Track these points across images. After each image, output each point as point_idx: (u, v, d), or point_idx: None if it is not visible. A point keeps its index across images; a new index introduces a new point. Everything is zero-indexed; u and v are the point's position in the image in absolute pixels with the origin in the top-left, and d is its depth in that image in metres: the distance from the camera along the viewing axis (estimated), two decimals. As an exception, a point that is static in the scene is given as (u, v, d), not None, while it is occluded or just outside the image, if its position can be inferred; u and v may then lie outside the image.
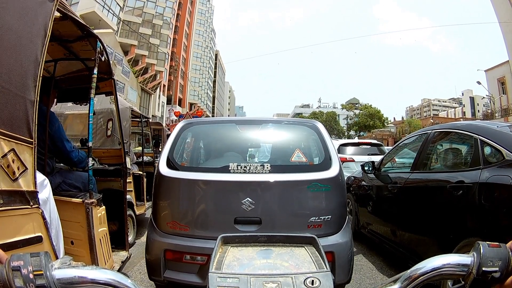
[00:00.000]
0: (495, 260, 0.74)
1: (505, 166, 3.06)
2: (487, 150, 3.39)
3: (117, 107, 4.10)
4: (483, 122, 4.10)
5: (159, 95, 49.21)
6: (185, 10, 62.86)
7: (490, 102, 35.51)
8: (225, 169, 3.18)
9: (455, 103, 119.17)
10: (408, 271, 0.80)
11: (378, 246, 5.31)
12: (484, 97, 36.64)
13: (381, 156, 6.39)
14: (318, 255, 0.96)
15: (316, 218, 3.10)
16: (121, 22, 40.56)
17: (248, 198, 3.04)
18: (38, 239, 2.12)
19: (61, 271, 0.70)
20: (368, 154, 10.51)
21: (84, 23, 3.08)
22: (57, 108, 6.00)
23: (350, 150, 10.84)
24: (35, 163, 2.11)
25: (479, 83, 38.23)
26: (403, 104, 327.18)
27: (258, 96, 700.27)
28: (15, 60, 1.99)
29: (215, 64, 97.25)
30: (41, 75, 2.16)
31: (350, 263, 3.12)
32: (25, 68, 2.06)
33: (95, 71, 3.24)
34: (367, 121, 65.35)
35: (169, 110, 50.23)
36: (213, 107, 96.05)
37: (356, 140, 15.66)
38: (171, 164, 3.30)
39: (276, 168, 3.23)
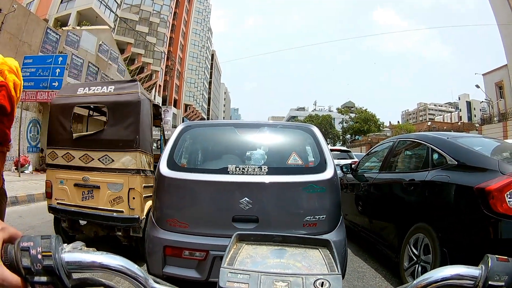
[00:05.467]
0: (502, 275, 0.75)
1: (447, 169, 4.01)
2: (435, 156, 4.35)
3: (163, 133, 6.55)
4: (436, 133, 5.23)
5: (155, 96, 48.77)
6: (182, 8, 62.54)
7: (489, 106, 35.16)
8: (224, 171, 3.35)
9: (451, 108, 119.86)
10: (415, 281, 0.81)
11: (374, 248, 5.64)
12: (483, 101, 36.36)
13: (350, 160, 8.16)
14: (331, 257, 0.94)
15: (311, 218, 3.26)
16: (118, 19, 40.24)
17: (246, 198, 3.18)
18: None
19: (71, 254, 0.71)
20: (338, 159, 12.48)
21: (157, 104, 6.28)
22: None
23: None
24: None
25: (477, 86, 37.47)
26: (399, 108, 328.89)
27: (253, 99, 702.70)
28: (148, 129, 5.21)
29: (211, 64, 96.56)
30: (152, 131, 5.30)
31: (344, 260, 3.46)
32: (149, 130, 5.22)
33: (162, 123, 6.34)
34: (361, 126, 64.79)
35: (164, 111, 49.85)
36: (209, 108, 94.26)
37: (329, 147, 17.82)
38: (171, 165, 3.45)
39: (273, 170, 3.38)
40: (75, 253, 0.72)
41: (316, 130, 3.88)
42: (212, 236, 3.23)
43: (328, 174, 3.39)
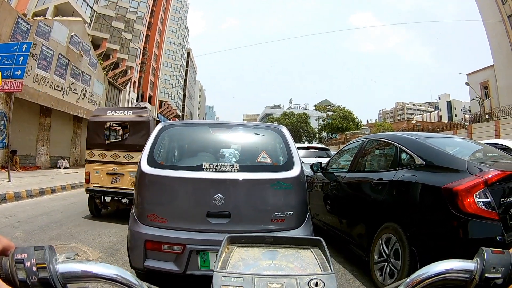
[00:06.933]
0: (498, 267, 0.76)
1: (415, 169, 4.05)
2: (404, 155, 4.39)
3: None
4: (405, 133, 5.24)
5: (129, 92, 47.94)
6: (159, 6, 62.00)
7: (480, 104, 35.59)
8: (199, 168, 3.54)
9: (431, 107, 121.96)
10: (410, 276, 0.81)
11: (345, 247, 5.55)
12: (473, 99, 36.67)
13: (328, 159, 7.85)
14: (323, 257, 0.95)
15: (279, 213, 3.45)
16: (94, 14, 39.45)
17: (219, 194, 3.38)
18: None
19: (65, 265, 0.72)
20: (316, 157, 12.11)
21: (159, 120, 6.75)
22: None
23: (300, 153, 12.35)
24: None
25: (467, 84, 38.11)
26: (376, 107, 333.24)
27: (228, 96, 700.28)
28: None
29: (187, 62, 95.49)
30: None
31: None
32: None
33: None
34: (340, 123, 64.49)
35: (136, 105, 48.86)
36: (183, 105, 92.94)
37: (306, 144, 18.27)
38: (151, 163, 3.64)
39: (244, 167, 3.60)
40: (69, 264, 0.72)
41: (285, 130, 4.12)
42: (189, 231, 3.41)
43: (294, 172, 3.61)
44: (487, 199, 3.20)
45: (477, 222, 3.17)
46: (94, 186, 7.97)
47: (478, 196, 3.20)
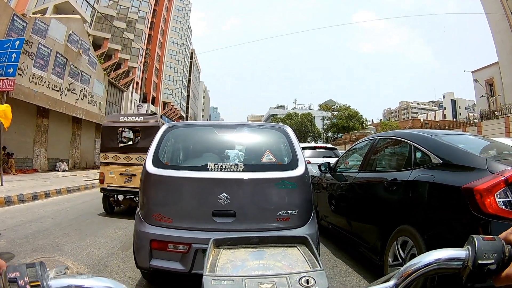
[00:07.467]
0: (490, 253, 0.76)
1: (431, 168, 3.76)
2: (418, 154, 4.11)
3: None
4: (418, 130, 5.00)
5: (132, 93, 47.36)
6: (162, 5, 61.84)
7: (488, 101, 35.17)
8: (204, 168, 3.59)
9: (435, 106, 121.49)
10: (403, 267, 0.81)
11: (355, 250, 5.40)
12: (483, 96, 36.25)
13: (335, 159, 7.61)
14: (310, 254, 0.95)
15: (284, 212, 3.48)
16: (95, 13, 39.02)
17: (224, 194, 3.41)
18: None
19: (58, 281, 0.71)
20: (323, 157, 11.78)
21: (163, 122, 7.28)
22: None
23: (307, 153, 12.25)
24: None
25: (476, 81, 37.94)
26: (380, 107, 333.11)
27: (233, 97, 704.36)
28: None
29: (190, 63, 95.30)
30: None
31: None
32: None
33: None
34: (346, 122, 63.72)
35: (137, 106, 48.09)
36: (187, 106, 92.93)
37: (313, 144, 17.76)
38: (156, 163, 3.70)
39: (248, 167, 3.65)
40: (61, 279, 0.70)
41: (289, 130, 4.14)
42: (194, 230, 3.44)
43: (299, 171, 3.62)
44: (508, 199, 3.03)
45: (498, 223, 2.94)
46: (108, 186, 8.78)
47: (499, 195, 3.02)
